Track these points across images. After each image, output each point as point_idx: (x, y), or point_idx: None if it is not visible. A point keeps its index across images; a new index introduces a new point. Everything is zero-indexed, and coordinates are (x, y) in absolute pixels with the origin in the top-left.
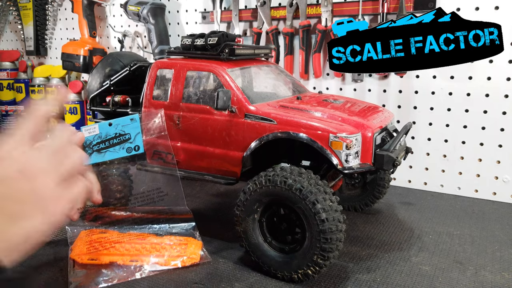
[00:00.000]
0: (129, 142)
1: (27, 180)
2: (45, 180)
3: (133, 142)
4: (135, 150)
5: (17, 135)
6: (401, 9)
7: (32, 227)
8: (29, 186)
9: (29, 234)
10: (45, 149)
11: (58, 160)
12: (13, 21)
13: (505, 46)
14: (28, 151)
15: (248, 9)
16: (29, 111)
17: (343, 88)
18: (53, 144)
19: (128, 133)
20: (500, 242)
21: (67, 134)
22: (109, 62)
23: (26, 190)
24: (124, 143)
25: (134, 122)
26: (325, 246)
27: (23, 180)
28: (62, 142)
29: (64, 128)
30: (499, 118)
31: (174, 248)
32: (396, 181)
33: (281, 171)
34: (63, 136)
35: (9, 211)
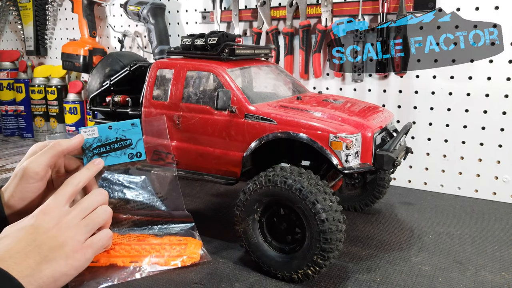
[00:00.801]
0: (131, 148)
1: (61, 233)
2: (75, 234)
3: (134, 148)
4: (137, 157)
5: (59, 195)
6: (401, 9)
7: (60, 271)
8: (62, 238)
9: (57, 276)
10: (79, 210)
11: (89, 219)
12: (13, 21)
13: (505, 46)
14: (65, 210)
15: (248, 9)
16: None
17: (343, 88)
18: (86, 206)
19: (129, 139)
20: (500, 242)
21: (101, 198)
22: (109, 62)
23: (59, 241)
24: (125, 149)
25: (135, 127)
26: (325, 246)
27: (58, 232)
28: (95, 204)
29: (98, 192)
30: (499, 118)
31: (173, 248)
32: (396, 181)
33: (281, 171)
34: (97, 200)
35: (44, 256)
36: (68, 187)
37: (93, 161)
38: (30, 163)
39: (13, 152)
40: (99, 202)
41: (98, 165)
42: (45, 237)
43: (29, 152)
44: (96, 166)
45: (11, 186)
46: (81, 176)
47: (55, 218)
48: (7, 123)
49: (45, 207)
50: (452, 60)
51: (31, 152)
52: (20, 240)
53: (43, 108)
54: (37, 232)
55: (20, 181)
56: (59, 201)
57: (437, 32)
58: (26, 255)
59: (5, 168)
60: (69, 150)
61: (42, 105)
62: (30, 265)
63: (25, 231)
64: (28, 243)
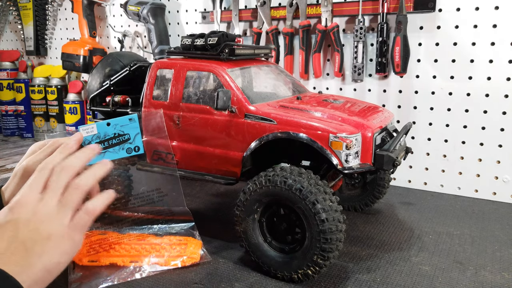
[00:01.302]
0: (129, 143)
1: (42, 223)
2: (56, 220)
3: (132, 142)
4: (135, 151)
5: (33, 184)
6: (401, 9)
7: (52, 262)
8: (44, 228)
9: (51, 267)
10: (51, 192)
11: (64, 198)
12: (13, 21)
13: (505, 46)
14: (41, 196)
15: (248, 9)
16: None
17: (343, 88)
18: (59, 186)
19: (127, 134)
20: (500, 242)
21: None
22: (109, 62)
23: (42, 232)
24: (123, 144)
25: (133, 122)
26: (325, 246)
27: (39, 223)
28: (65, 178)
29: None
30: (499, 118)
31: (174, 248)
32: (396, 181)
33: (281, 171)
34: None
35: (31, 250)
36: (40, 172)
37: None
38: (30, 161)
39: (13, 152)
40: (71, 171)
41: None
42: (27, 231)
43: (28, 152)
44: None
45: (11, 185)
46: (53, 160)
47: (32, 208)
48: (7, 123)
49: (20, 198)
50: (452, 60)
51: (31, 151)
52: (2, 238)
53: (43, 108)
54: (17, 227)
55: (20, 180)
56: (32, 190)
57: (437, 32)
58: (12, 254)
59: (5, 168)
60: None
61: (42, 105)
62: (18, 263)
63: (4, 228)
64: (10, 240)
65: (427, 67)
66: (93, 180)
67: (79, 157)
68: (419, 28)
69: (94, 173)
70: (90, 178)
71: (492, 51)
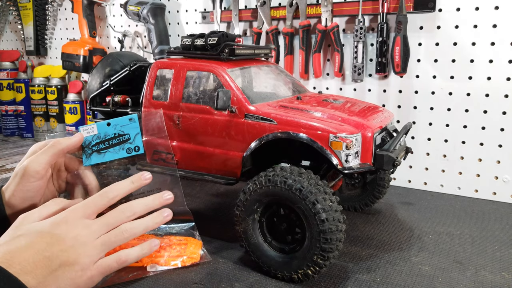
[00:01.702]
0: (129, 143)
1: (75, 249)
2: (89, 253)
3: (132, 142)
4: (135, 151)
5: (88, 206)
6: (401, 9)
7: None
8: (74, 255)
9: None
10: (101, 226)
11: (108, 238)
12: (13, 21)
13: (505, 46)
14: (89, 223)
15: (248, 9)
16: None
17: (343, 88)
18: (111, 223)
19: (127, 134)
20: (500, 242)
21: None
22: (109, 62)
23: (71, 257)
24: (123, 144)
25: (133, 122)
26: (325, 246)
27: (72, 248)
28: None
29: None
30: (499, 118)
31: (173, 248)
32: (396, 181)
33: (281, 171)
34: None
35: (53, 270)
36: (101, 199)
37: (141, 174)
38: (31, 162)
39: (13, 152)
40: (124, 220)
41: (145, 180)
42: (58, 249)
43: (29, 152)
44: (143, 181)
45: (11, 186)
46: (120, 189)
47: (74, 230)
48: (7, 123)
49: (68, 215)
50: (452, 60)
51: (31, 151)
52: (32, 245)
53: (43, 108)
54: (51, 241)
55: (21, 180)
56: (85, 213)
57: (437, 32)
58: (35, 265)
59: (5, 168)
60: (69, 149)
61: (42, 105)
62: (37, 277)
63: (40, 236)
64: (39, 251)
65: (427, 67)
66: (143, 231)
67: (147, 204)
68: (419, 28)
69: (147, 225)
70: (141, 228)
71: (492, 51)
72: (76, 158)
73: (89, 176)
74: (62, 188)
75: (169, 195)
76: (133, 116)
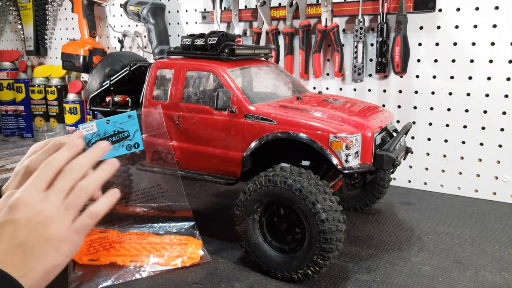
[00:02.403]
0: (128, 140)
1: (43, 224)
2: (59, 222)
3: (132, 139)
4: (135, 148)
5: (37, 181)
6: (401, 9)
7: (51, 264)
8: (45, 230)
9: (49, 270)
10: (57, 192)
11: (70, 199)
12: (13, 21)
13: (505, 46)
14: (44, 196)
15: (248, 9)
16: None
17: (343, 88)
18: (65, 187)
19: (126, 131)
20: (500, 242)
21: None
22: (109, 62)
23: (42, 234)
24: (123, 141)
25: (132, 119)
26: (325, 246)
27: (40, 224)
28: (74, 178)
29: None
30: (499, 118)
31: (174, 248)
32: (396, 181)
33: (281, 171)
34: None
35: (30, 253)
36: (47, 169)
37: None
38: (32, 161)
39: (13, 152)
40: (80, 172)
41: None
42: (26, 232)
43: (29, 152)
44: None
45: (12, 185)
46: (61, 157)
47: (34, 208)
48: (7, 123)
49: (21, 196)
50: (452, 60)
51: (32, 151)
52: (1, 238)
53: (43, 108)
54: (17, 228)
55: (22, 180)
56: (37, 188)
57: (437, 32)
58: (11, 256)
59: (5, 168)
60: None
61: (42, 105)
62: (18, 266)
63: (5, 228)
64: (9, 242)
65: (427, 67)
66: (100, 182)
67: (89, 157)
68: (419, 28)
69: (101, 175)
70: (97, 180)
71: (492, 51)
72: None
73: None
74: None
75: (104, 143)
76: (132, 113)
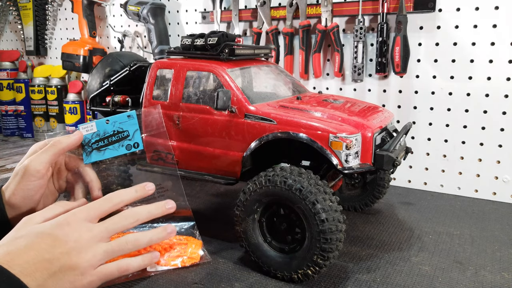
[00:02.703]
0: (128, 139)
1: (77, 253)
2: (91, 258)
3: (132, 139)
4: (135, 147)
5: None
6: (401, 9)
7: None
8: (76, 259)
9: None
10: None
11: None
12: (13, 21)
13: (505, 46)
14: (92, 227)
15: (248, 9)
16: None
17: (343, 88)
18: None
19: (126, 130)
20: (500, 242)
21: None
22: (109, 62)
23: (72, 261)
24: (123, 141)
25: (131, 119)
26: (325, 246)
27: (74, 251)
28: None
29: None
30: (499, 118)
31: (174, 248)
32: (396, 181)
33: (281, 171)
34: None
35: (53, 273)
36: (105, 203)
37: (144, 184)
38: (32, 161)
39: (13, 152)
40: (127, 227)
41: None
42: (59, 251)
43: (29, 152)
44: (147, 191)
45: (12, 185)
46: (125, 196)
47: (77, 234)
48: (7, 123)
49: (70, 217)
50: (452, 60)
51: (32, 151)
52: (32, 246)
53: (43, 108)
54: (53, 243)
55: (22, 179)
56: (88, 216)
57: (437, 32)
58: (35, 268)
59: (5, 168)
60: (70, 147)
61: (42, 105)
62: (36, 279)
63: (41, 237)
64: (39, 253)
65: (427, 67)
66: (146, 244)
67: (151, 212)
68: (419, 28)
69: (151, 239)
70: (145, 241)
71: (492, 51)
72: (76, 156)
73: (90, 174)
74: (63, 188)
75: (171, 205)
76: (131, 112)
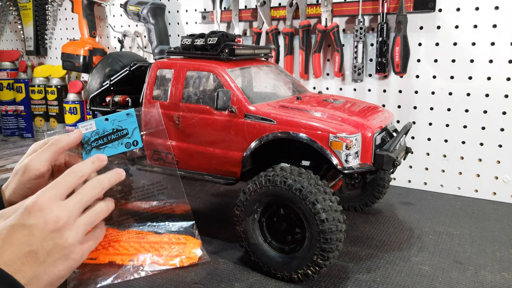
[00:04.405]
0: (127, 137)
1: (59, 234)
2: (74, 234)
3: (131, 137)
4: (134, 145)
5: (58, 188)
6: (401, 9)
7: (58, 275)
8: (60, 240)
9: (54, 280)
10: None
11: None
12: (13, 21)
13: (505, 46)
14: (64, 205)
15: (248, 9)
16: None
17: (343, 88)
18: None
19: (125, 128)
20: (500, 242)
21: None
22: (109, 62)
23: (57, 243)
24: (122, 139)
25: (130, 117)
26: (325, 246)
27: (56, 233)
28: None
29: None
30: (499, 118)
31: (172, 248)
32: (396, 181)
33: (281, 171)
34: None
35: (42, 262)
36: (70, 178)
37: (98, 155)
38: (31, 160)
39: (13, 152)
40: (96, 196)
41: (102, 161)
42: (41, 239)
43: (29, 151)
44: (101, 161)
45: (12, 184)
46: (86, 168)
47: (52, 216)
48: (7, 123)
49: (41, 201)
50: (452, 60)
51: (31, 150)
52: (12, 243)
53: (43, 108)
54: (32, 233)
55: (22, 178)
56: (57, 195)
57: (437, 32)
58: (21, 263)
59: (5, 168)
60: (70, 146)
61: (42, 105)
62: (28, 274)
63: (18, 232)
64: (22, 247)
65: (427, 67)
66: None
67: (109, 179)
68: (419, 28)
69: (110, 178)
70: (106, 180)
71: (492, 51)
72: (76, 155)
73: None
74: None
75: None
76: (130, 110)
